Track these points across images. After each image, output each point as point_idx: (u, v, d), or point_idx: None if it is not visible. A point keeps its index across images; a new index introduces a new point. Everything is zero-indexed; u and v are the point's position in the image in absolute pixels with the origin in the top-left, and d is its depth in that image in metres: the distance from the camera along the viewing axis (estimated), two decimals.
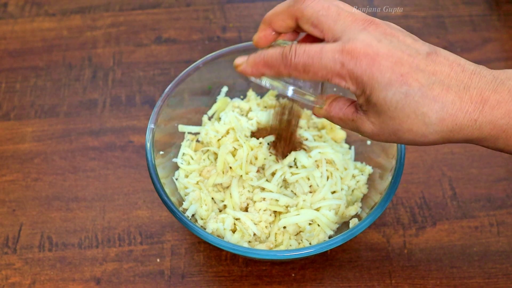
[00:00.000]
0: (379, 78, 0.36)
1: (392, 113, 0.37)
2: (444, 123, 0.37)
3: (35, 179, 0.63)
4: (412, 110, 0.36)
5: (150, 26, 0.77)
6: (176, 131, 0.59)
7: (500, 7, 0.77)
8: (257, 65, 0.41)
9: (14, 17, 0.78)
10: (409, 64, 0.36)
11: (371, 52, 0.36)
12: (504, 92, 0.36)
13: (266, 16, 0.42)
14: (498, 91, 0.36)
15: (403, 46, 0.37)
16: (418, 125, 0.37)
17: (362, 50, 0.36)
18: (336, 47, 0.37)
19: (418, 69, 0.36)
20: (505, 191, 0.60)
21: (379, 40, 0.37)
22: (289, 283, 0.55)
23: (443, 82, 0.36)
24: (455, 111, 0.36)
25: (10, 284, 0.56)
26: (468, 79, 0.37)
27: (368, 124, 0.40)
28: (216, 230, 0.52)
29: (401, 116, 0.37)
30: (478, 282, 0.55)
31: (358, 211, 0.54)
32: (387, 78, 0.36)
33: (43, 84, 0.71)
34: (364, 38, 0.37)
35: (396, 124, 0.38)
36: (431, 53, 0.37)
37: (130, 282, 0.56)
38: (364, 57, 0.36)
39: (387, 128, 0.39)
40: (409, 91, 0.36)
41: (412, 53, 0.37)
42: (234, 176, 0.54)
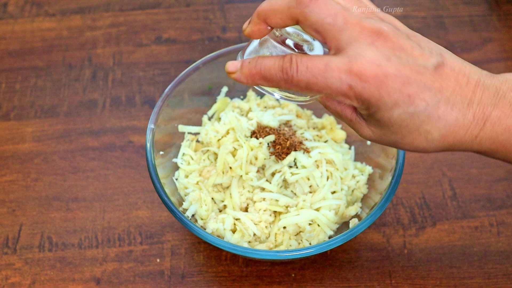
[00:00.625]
0: (386, 100, 0.36)
1: (395, 129, 0.37)
2: (445, 139, 0.37)
3: (35, 179, 0.63)
4: (416, 127, 0.37)
5: (150, 26, 0.77)
6: (176, 131, 0.59)
7: (500, 7, 0.77)
8: (253, 77, 0.38)
9: (14, 17, 0.78)
10: (417, 83, 0.36)
11: (380, 74, 0.35)
12: (505, 107, 0.36)
13: (261, 10, 0.38)
14: (499, 106, 0.36)
15: (412, 61, 0.36)
16: (420, 140, 0.37)
17: (371, 72, 0.35)
18: (343, 66, 0.35)
19: (425, 87, 0.36)
20: (505, 191, 0.60)
21: (388, 59, 0.35)
22: (289, 283, 0.55)
23: (448, 100, 0.36)
24: (458, 128, 0.37)
25: (10, 284, 0.56)
26: (472, 93, 0.37)
27: (367, 130, 0.40)
28: (216, 230, 0.52)
29: (404, 132, 0.37)
30: (478, 282, 0.55)
31: (358, 211, 0.54)
32: (395, 99, 0.36)
33: (43, 84, 0.71)
34: (372, 57, 0.35)
35: (398, 138, 0.38)
36: (438, 66, 0.36)
37: (130, 282, 0.56)
38: (373, 79, 0.35)
39: (387, 139, 0.39)
40: (416, 110, 0.36)
41: (420, 69, 0.36)
42: (234, 176, 0.54)
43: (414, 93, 0.35)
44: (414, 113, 0.36)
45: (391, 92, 0.35)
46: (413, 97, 0.35)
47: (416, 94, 0.35)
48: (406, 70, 0.35)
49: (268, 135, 0.55)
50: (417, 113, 0.36)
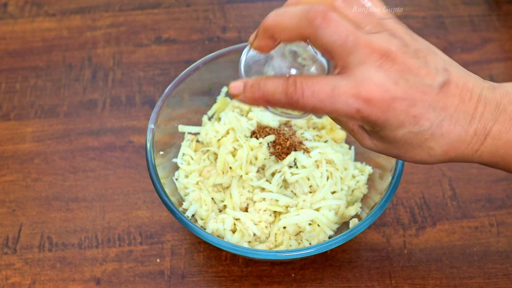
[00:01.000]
0: (392, 121, 0.36)
1: (399, 146, 0.38)
2: (447, 154, 0.38)
3: (35, 179, 0.63)
4: (419, 144, 0.38)
5: (150, 26, 0.77)
6: (176, 131, 0.59)
7: (500, 7, 0.78)
8: (257, 100, 0.38)
9: (14, 17, 0.78)
10: (422, 103, 0.36)
11: (387, 98, 0.35)
12: (505, 122, 0.38)
13: (268, 25, 0.37)
14: (499, 120, 0.38)
15: (418, 81, 0.36)
16: (422, 155, 0.38)
17: (379, 96, 0.35)
18: (350, 91, 0.35)
19: (430, 107, 0.36)
20: (505, 191, 0.61)
21: (396, 82, 0.35)
22: (289, 283, 0.55)
23: (452, 117, 0.37)
24: (459, 144, 0.38)
25: (10, 284, 0.56)
26: (474, 109, 0.37)
27: (369, 142, 0.41)
28: (216, 230, 0.52)
29: (407, 148, 0.38)
30: (478, 282, 0.55)
31: (358, 211, 0.54)
32: (400, 120, 0.36)
33: (43, 84, 0.71)
34: (380, 80, 0.35)
35: (401, 152, 0.39)
36: (444, 84, 0.37)
37: (130, 282, 0.56)
38: (380, 104, 0.35)
39: (390, 153, 0.40)
40: (420, 129, 0.37)
41: (426, 89, 0.36)
42: (234, 176, 0.54)
43: (420, 114, 0.36)
44: (418, 132, 0.37)
45: (397, 115, 0.36)
46: (418, 117, 0.36)
47: (421, 114, 0.36)
48: (413, 92, 0.36)
49: (268, 135, 0.55)
50: (422, 132, 0.37)
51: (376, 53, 0.36)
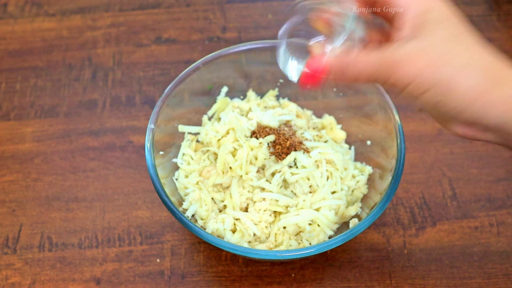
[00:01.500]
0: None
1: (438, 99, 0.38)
2: (479, 99, 0.37)
3: (35, 179, 0.63)
4: (450, 86, 0.37)
5: (150, 26, 0.77)
6: (176, 131, 0.59)
7: (500, 7, 0.77)
8: (348, 78, 0.40)
9: (14, 17, 0.78)
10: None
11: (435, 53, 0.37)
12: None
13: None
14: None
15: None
16: (460, 100, 0.37)
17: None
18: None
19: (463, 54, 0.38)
20: (505, 191, 0.61)
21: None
22: (289, 283, 0.55)
23: (472, 64, 0.37)
24: (485, 87, 0.37)
25: (10, 284, 0.56)
26: (502, 70, 0.38)
27: (409, 53, 0.39)
28: (216, 230, 0.52)
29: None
30: (478, 282, 0.55)
31: (358, 211, 0.54)
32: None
33: (43, 84, 0.71)
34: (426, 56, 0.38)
35: (448, 57, 0.38)
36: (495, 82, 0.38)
37: (130, 282, 0.56)
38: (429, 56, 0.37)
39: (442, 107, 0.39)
40: (448, 69, 0.37)
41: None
42: (234, 176, 0.54)
43: (449, 56, 0.37)
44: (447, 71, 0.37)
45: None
46: (445, 58, 0.37)
47: (450, 57, 0.37)
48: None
49: (268, 135, 0.55)
50: (450, 71, 0.37)
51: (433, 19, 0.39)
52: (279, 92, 0.63)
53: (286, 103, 0.62)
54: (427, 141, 0.64)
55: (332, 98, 0.61)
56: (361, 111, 0.59)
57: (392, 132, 0.53)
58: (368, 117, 0.58)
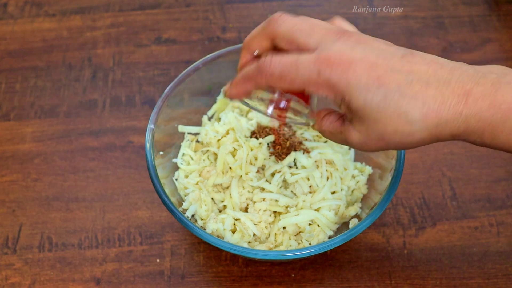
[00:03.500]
0: (355, 83, 0.36)
1: (375, 116, 0.37)
2: (428, 119, 0.36)
3: (35, 180, 0.63)
4: (393, 110, 0.36)
5: (150, 26, 0.77)
6: (176, 131, 0.59)
7: (499, 8, 0.78)
8: (238, 83, 0.42)
9: (14, 17, 0.78)
10: (384, 66, 0.36)
11: (345, 59, 0.36)
12: (487, 84, 0.35)
13: (244, 42, 0.42)
14: (480, 83, 0.35)
15: (377, 51, 0.37)
16: (402, 124, 0.36)
17: (337, 57, 0.36)
18: (311, 57, 0.37)
19: (394, 69, 0.36)
20: (504, 192, 0.61)
21: (353, 48, 0.37)
22: (289, 283, 0.55)
23: (422, 79, 0.36)
24: (438, 105, 0.35)
25: (10, 284, 0.56)
26: (448, 74, 0.36)
27: (354, 133, 0.40)
28: (216, 230, 0.52)
29: (384, 117, 0.36)
30: (478, 282, 0.55)
31: (358, 212, 0.54)
32: (364, 82, 0.36)
33: (43, 84, 0.71)
34: (338, 47, 0.37)
35: (381, 128, 0.37)
36: (406, 54, 0.37)
37: (130, 282, 0.56)
38: (338, 64, 0.36)
39: (373, 134, 0.38)
40: (387, 92, 0.36)
41: (387, 55, 0.37)
42: (234, 176, 0.54)
43: (383, 74, 0.36)
44: (386, 94, 0.36)
45: (358, 75, 0.36)
46: (382, 78, 0.36)
47: (385, 75, 0.36)
48: (372, 56, 0.36)
49: (268, 135, 0.55)
50: (390, 94, 0.36)
51: (333, 33, 0.38)
52: None
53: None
54: None
55: None
56: None
57: None
58: None
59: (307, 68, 0.37)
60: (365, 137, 0.39)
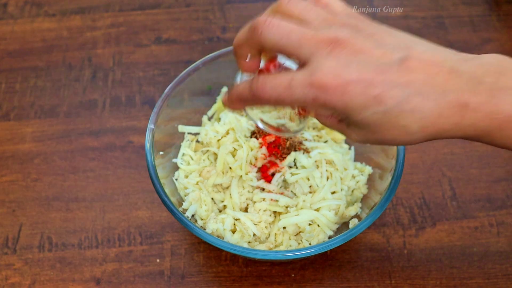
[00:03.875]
0: (353, 105, 0.36)
1: (374, 129, 0.37)
2: (426, 131, 0.36)
3: (35, 180, 0.63)
4: (393, 124, 0.36)
5: (150, 26, 0.77)
6: (176, 131, 0.59)
7: (500, 8, 0.78)
8: (234, 102, 0.41)
9: (14, 17, 0.78)
10: (381, 83, 0.35)
11: (340, 82, 0.35)
12: (482, 94, 0.35)
13: (234, 49, 0.41)
14: (476, 92, 0.36)
15: (372, 62, 0.36)
16: (401, 135, 0.37)
17: (331, 81, 0.35)
18: (305, 81, 0.36)
19: (392, 85, 0.35)
20: (504, 192, 0.61)
21: (347, 65, 0.35)
22: (289, 283, 0.55)
23: (420, 92, 0.35)
24: (435, 118, 0.36)
25: (10, 284, 0.56)
26: (445, 82, 0.36)
27: (352, 134, 0.40)
28: (216, 230, 0.52)
29: (383, 130, 0.37)
30: (478, 282, 0.55)
31: (358, 212, 0.54)
32: (361, 103, 0.35)
33: (43, 84, 0.71)
34: (331, 65, 0.36)
35: (380, 136, 0.38)
36: (403, 61, 0.36)
37: (130, 282, 0.56)
38: (334, 89, 0.35)
39: (371, 139, 0.39)
40: (386, 109, 0.36)
41: (384, 68, 0.36)
42: (234, 176, 0.54)
43: (381, 93, 0.35)
44: (385, 111, 0.36)
45: (355, 98, 0.35)
46: (379, 97, 0.35)
47: (383, 93, 0.35)
48: (368, 73, 0.35)
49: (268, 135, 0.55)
50: (389, 111, 0.36)
51: (323, 42, 0.36)
52: None
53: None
54: None
55: None
56: None
57: None
58: None
59: (302, 93, 0.36)
60: (363, 139, 0.39)
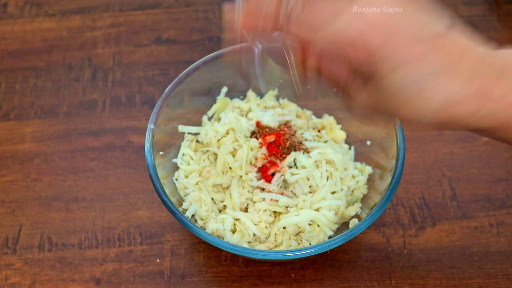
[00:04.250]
0: (393, 55, 0.34)
1: (394, 94, 0.35)
2: (440, 115, 0.36)
3: (35, 180, 0.63)
4: (415, 94, 0.35)
5: (150, 26, 0.77)
6: (176, 131, 0.59)
7: (500, 8, 0.77)
8: (252, 15, 0.37)
9: (14, 17, 0.78)
10: (426, 43, 0.34)
11: (392, 23, 0.33)
12: (506, 84, 0.36)
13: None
14: (502, 82, 0.36)
15: (421, 21, 0.35)
16: (415, 110, 0.36)
17: (383, 20, 0.33)
18: (354, 10, 0.33)
19: (435, 49, 0.34)
20: (505, 192, 0.61)
21: (399, 12, 0.34)
22: (289, 283, 0.55)
23: (455, 67, 0.35)
24: (456, 102, 0.35)
25: (10, 284, 0.56)
26: (478, 68, 0.35)
27: (363, 93, 0.37)
28: (216, 230, 0.52)
29: (403, 99, 0.35)
30: (478, 282, 0.55)
31: (358, 212, 0.54)
32: (403, 57, 0.34)
33: (43, 84, 0.71)
34: (386, 3, 0.34)
35: (394, 106, 0.36)
36: (443, 34, 0.35)
37: (130, 282, 0.56)
38: (384, 29, 0.33)
39: (383, 106, 0.37)
40: (420, 74, 0.34)
41: (429, 31, 0.35)
42: (234, 176, 0.54)
43: (423, 53, 0.34)
44: (418, 76, 0.34)
45: (400, 48, 0.33)
46: (421, 57, 0.34)
47: (425, 54, 0.34)
48: (417, 27, 0.34)
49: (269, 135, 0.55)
50: (421, 77, 0.34)
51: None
52: (279, 92, 0.63)
53: (286, 103, 0.62)
54: (427, 141, 0.64)
55: (332, 98, 0.61)
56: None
57: (392, 132, 0.53)
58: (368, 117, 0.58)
59: (347, 22, 0.33)
60: (371, 103, 0.37)
